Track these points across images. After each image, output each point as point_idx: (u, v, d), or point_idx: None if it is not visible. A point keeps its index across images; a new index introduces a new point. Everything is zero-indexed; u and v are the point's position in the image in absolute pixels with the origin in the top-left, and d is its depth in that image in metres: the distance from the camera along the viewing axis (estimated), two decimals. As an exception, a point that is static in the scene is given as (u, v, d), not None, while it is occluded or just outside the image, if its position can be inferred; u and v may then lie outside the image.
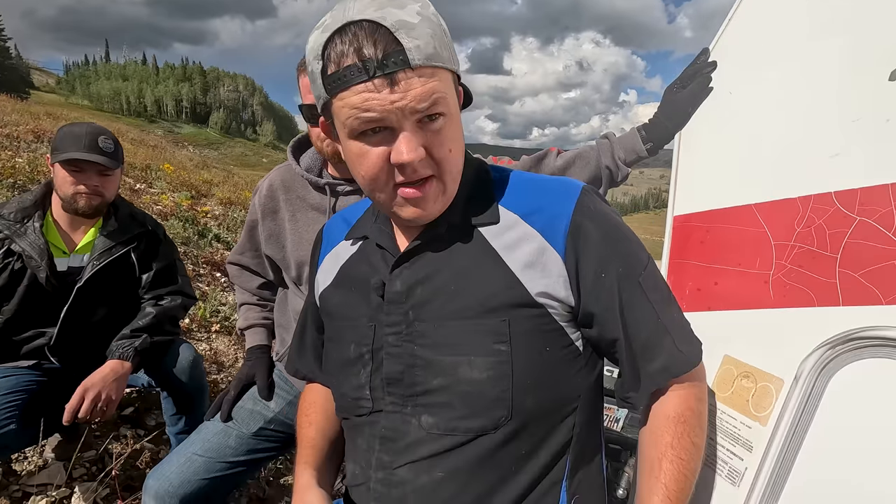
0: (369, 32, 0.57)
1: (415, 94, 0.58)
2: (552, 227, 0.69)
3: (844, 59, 0.80)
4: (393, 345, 0.70)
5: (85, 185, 1.49)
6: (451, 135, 0.64)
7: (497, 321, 0.66)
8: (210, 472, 1.13)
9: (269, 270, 1.31)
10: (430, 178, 0.64)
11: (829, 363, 0.70)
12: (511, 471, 0.68)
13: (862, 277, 0.70)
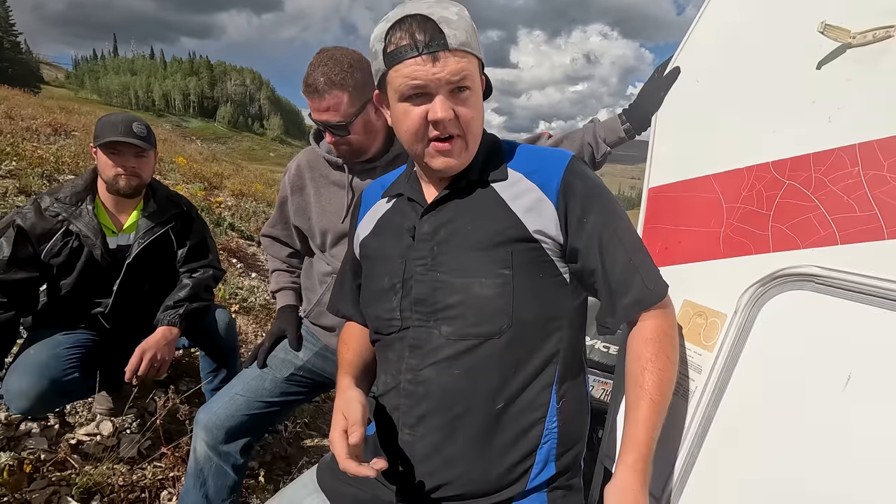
0: (420, 23, 0.77)
1: (450, 69, 0.79)
2: (548, 183, 0.88)
3: (783, 53, 0.96)
4: (420, 274, 0.89)
5: (123, 167, 1.65)
6: (474, 105, 0.84)
7: (503, 251, 0.86)
8: (250, 410, 1.33)
9: (297, 240, 1.49)
10: (457, 136, 0.84)
11: (760, 298, 0.87)
12: (511, 371, 0.86)
13: (787, 229, 0.87)
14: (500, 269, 0.85)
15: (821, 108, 0.87)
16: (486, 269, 0.85)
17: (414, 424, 0.89)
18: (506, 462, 0.86)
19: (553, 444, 0.89)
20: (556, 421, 0.89)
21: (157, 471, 1.83)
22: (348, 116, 1.20)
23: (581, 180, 0.89)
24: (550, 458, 0.89)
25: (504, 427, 0.86)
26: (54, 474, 1.66)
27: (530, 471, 0.88)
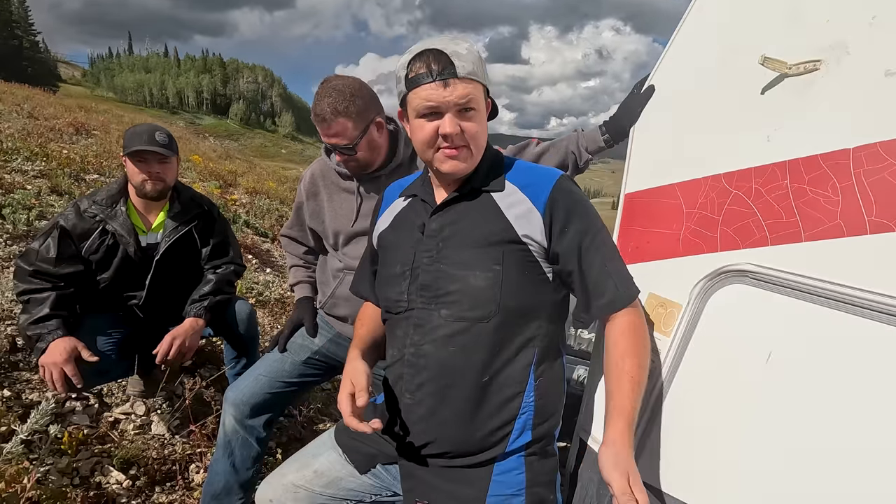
0: (436, 55, 0.96)
1: (458, 93, 0.96)
2: (538, 196, 1.05)
3: (737, 79, 1.10)
4: (427, 264, 1.06)
5: (148, 173, 1.81)
6: (479, 122, 1.02)
7: (496, 250, 1.03)
8: (272, 389, 1.51)
9: (312, 240, 1.67)
10: (462, 146, 1.01)
11: (707, 290, 1.02)
12: (497, 350, 1.02)
13: (732, 232, 1.01)
14: (493, 265, 1.01)
15: (763, 128, 1.02)
16: (481, 264, 1.02)
17: (414, 390, 1.06)
18: (488, 426, 1.03)
19: (530, 415, 1.05)
20: (534, 396, 1.05)
21: (185, 446, 2.02)
22: (354, 139, 1.36)
23: (566, 196, 1.05)
24: (527, 427, 1.05)
25: (488, 397, 1.02)
26: (97, 447, 1.86)
27: (509, 436, 1.04)
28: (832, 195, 0.86)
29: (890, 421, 0.73)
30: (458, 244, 1.05)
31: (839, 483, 0.79)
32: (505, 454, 1.04)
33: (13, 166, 4.24)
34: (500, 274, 1.01)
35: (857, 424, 0.76)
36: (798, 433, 0.83)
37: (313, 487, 1.19)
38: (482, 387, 1.02)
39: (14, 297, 2.39)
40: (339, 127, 1.35)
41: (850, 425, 0.77)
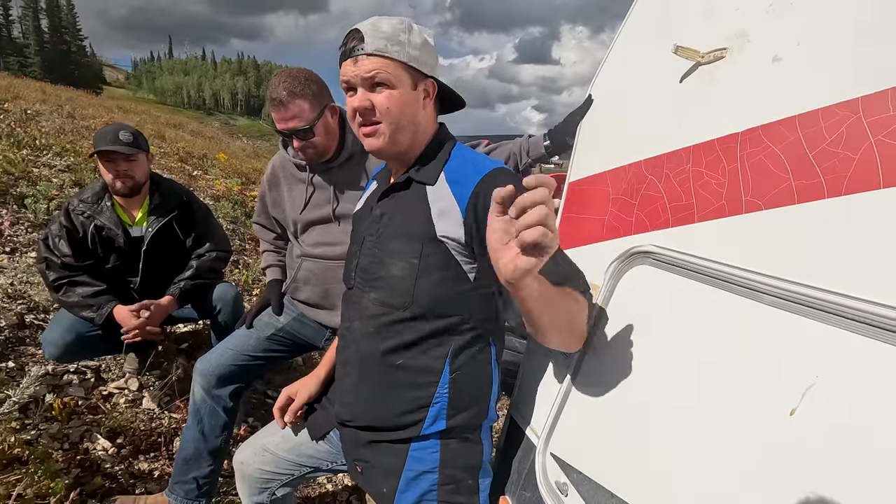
0: (353, 33, 1.00)
1: (364, 68, 0.98)
2: (462, 193, 1.03)
3: (662, 71, 1.13)
4: (368, 248, 1.11)
5: (116, 172, 1.91)
6: (392, 100, 1.00)
7: (416, 244, 1.04)
8: (237, 361, 1.61)
9: (277, 227, 1.77)
10: (376, 122, 1.02)
11: (618, 272, 1.06)
12: (410, 338, 1.05)
13: (644, 215, 1.05)
14: (411, 258, 1.03)
15: (678, 115, 1.05)
16: (402, 256, 1.05)
17: (344, 363, 1.14)
18: (401, 408, 1.07)
19: (443, 405, 1.06)
20: (448, 387, 1.06)
21: (172, 420, 2.15)
22: (311, 121, 1.43)
23: (489, 189, 1.01)
24: (441, 416, 1.06)
25: (401, 380, 1.07)
26: (88, 416, 2.00)
27: (423, 422, 1.06)
28: (721, 177, 0.89)
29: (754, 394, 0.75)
30: (391, 233, 1.08)
31: (714, 458, 0.82)
32: (420, 437, 1.07)
33: (43, 161, 4.53)
34: (415, 268, 1.03)
35: (729, 397, 0.79)
36: (680, 411, 0.86)
37: (278, 451, 1.29)
38: (394, 369, 1.06)
39: (28, 280, 2.59)
40: (296, 109, 1.41)
41: (719, 398, 0.80)
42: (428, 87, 1.06)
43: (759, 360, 0.75)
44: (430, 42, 1.05)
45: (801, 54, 0.82)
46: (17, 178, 3.81)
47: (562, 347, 1.01)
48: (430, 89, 1.07)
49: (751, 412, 0.75)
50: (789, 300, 0.72)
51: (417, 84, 1.04)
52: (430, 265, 1.03)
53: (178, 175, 6.81)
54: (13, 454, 1.54)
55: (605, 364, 1.05)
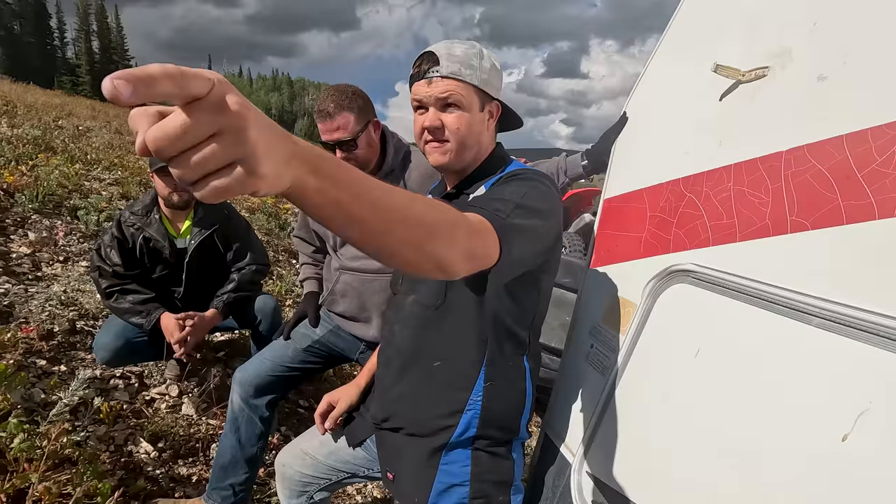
0: (427, 56, 1.04)
1: (439, 90, 1.03)
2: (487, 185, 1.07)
3: (701, 88, 1.13)
4: None
5: (174, 185, 2.01)
6: (462, 121, 1.04)
7: None
8: (274, 372, 1.65)
9: (317, 240, 1.82)
10: (445, 140, 1.07)
11: (656, 290, 1.05)
12: (445, 340, 1.07)
13: (683, 233, 1.04)
14: None
15: (717, 133, 1.05)
16: None
17: (385, 363, 1.17)
18: (434, 412, 1.08)
19: (476, 413, 1.06)
20: (481, 397, 1.06)
21: (209, 427, 2.21)
22: (355, 133, 1.48)
23: (506, 176, 1.04)
24: (472, 424, 1.06)
25: (437, 383, 1.08)
26: (132, 420, 2.08)
27: (454, 428, 1.07)
28: (764, 196, 0.88)
29: (791, 413, 0.74)
30: None
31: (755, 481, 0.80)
32: (450, 444, 1.08)
33: (93, 175, 4.79)
34: None
35: (775, 421, 0.78)
36: (722, 434, 0.84)
37: (317, 456, 1.32)
38: (432, 371, 1.09)
39: (79, 287, 2.73)
40: (342, 120, 1.47)
41: (765, 422, 0.79)
42: (493, 108, 1.11)
43: (809, 383, 0.73)
44: (497, 67, 1.09)
45: (847, 73, 0.81)
46: (70, 191, 4.04)
47: (417, 262, 0.62)
48: (495, 111, 1.12)
49: (800, 437, 0.73)
50: (840, 323, 0.70)
51: (485, 106, 1.08)
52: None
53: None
54: (64, 454, 1.62)
55: (643, 382, 1.04)
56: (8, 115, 6.70)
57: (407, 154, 1.66)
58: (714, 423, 0.86)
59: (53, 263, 3.04)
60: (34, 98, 10.78)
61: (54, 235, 3.30)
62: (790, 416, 0.75)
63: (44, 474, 1.53)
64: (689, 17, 1.26)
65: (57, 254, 3.14)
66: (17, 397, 1.80)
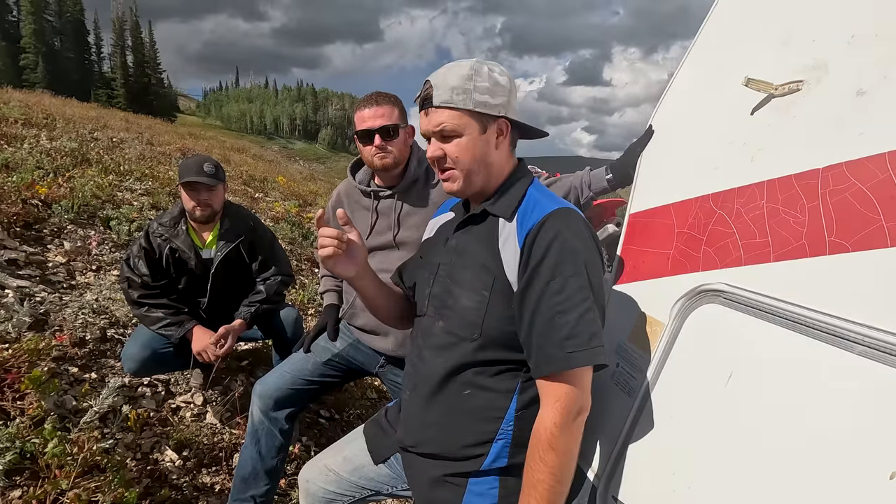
0: (425, 86, 1.05)
1: (434, 122, 1.03)
2: (522, 233, 1.00)
3: (730, 102, 1.10)
4: (441, 277, 1.13)
5: (197, 201, 2.06)
6: (461, 149, 1.03)
7: (487, 277, 1.03)
8: (294, 385, 1.66)
9: None
10: (450, 168, 1.06)
11: (685, 309, 1.02)
12: (478, 371, 1.05)
13: (713, 251, 1.01)
14: (482, 290, 1.03)
15: (749, 148, 1.01)
16: (472, 286, 1.05)
17: (411, 389, 1.16)
18: (465, 440, 1.06)
19: (507, 442, 1.04)
20: (513, 425, 1.04)
21: (232, 436, 2.24)
22: (397, 122, 1.53)
23: (546, 233, 0.96)
24: (503, 454, 1.05)
25: (468, 412, 1.06)
26: (158, 428, 2.12)
27: (484, 457, 1.05)
28: (800, 215, 0.85)
29: (833, 448, 0.70)
30: (463, 263, 1.09)
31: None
32: (480, 472, 1.06)
33: (126, 185, 4.94)
34: (485, 300, 1.02)
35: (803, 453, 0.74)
36: (751, 459, 0.81)
37: (341, 472, 1.31)
38: (463, 399, 1.07)
39: (110, 296, 2.80)
40: (386, 109, 1.53)
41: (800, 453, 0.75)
42: (501, 126, 1.06)
43: (852, 416, 0.70)
44: (500, 81, 1.04)
45: (889, 88, 0.78)
46: (103, 201, 4.17)
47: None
48: (504, 128, 1.07)
49: (841, 474, 0.69)
50: (885, 352, 0.66)
51: (487, 127, 1.04)
52: (499, 300, 1.02)
53: (242, 197, 7.22)
54: (93, 461, 1.66)
55: (671, 405, 1.00)
56: (48, 128, 6.99)
57: (430, 167, 1.67)
58: (747, 453, 0.82)
59: (87, 272, 3.14)
60: (72, 111, 11.24)
61: (88, 245, 3.41)
62: (831, 452, 0.71)
63: (74, 481, 1.57)
64: (717, 30, 1.23)
65: (90, 263, 3.25)
66: (50, 404, 1.85)
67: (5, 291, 2.53)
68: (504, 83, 1.05)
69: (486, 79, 1.02)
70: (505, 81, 1.05)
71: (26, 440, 1.63)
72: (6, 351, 2.00)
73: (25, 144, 5.25)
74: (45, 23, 52.84)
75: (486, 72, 1.03)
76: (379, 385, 3.21)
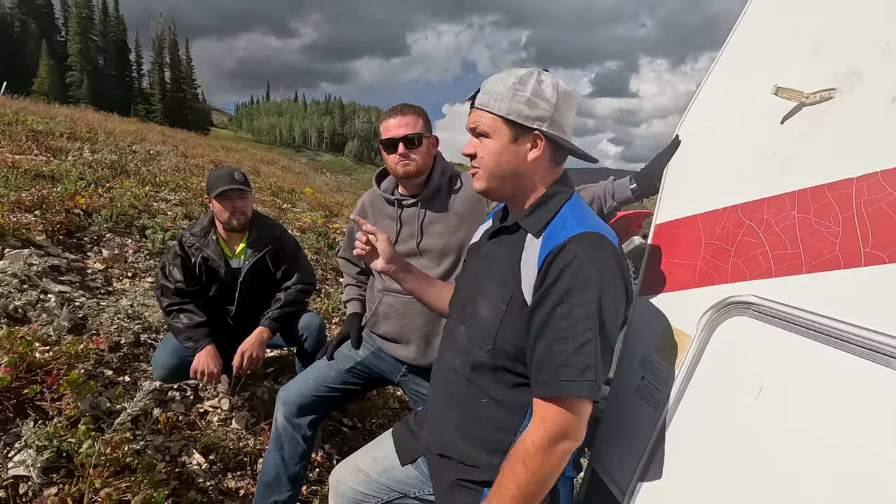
0: (478, 89, 1.08)
1: (471, 119, 1.08)
2: (543, 252, 0.99)
3: (759, 110, 1.09)
4: (470, 282, 1.16)
5: (233, 209, 2.12)
6: (486, 150, 1.06)
7: (506, 291, 1.04)
8: (317, 392, 1.68)
9: (361, 261, 1.86)
10: (477, 168, 1.09)
11: (713, 322, 1.00)
12: (494, 380, 1.06)
13: (742, 263, 0.99)
14: (500, 303, 1.04)
15: (779, 158, 0.99)
16: (492, 297, 1.07)
17: (434, 388, 1.19)
18: (482, 447, 1.07)
19: None
20: None
21: (256, 442, 2.27)
22: (421, 131, 1.58)
23: (565, 256, 0.94)
24: None
25: (483, 420, 1.07)
26: (186, 431, 2.17)
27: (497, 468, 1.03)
28: (833, 226, 0.82)
29: (870, 468, 0.67)
30: (489, 272, 1.11)
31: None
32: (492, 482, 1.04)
33: (161, 196, 5.13)
34: (502, 313, 1.03)
35: (838, 473, 0.71)
36: (782, 477, 0.78)
37: (370, 473, 1.32)
38: (482, 406, 1.07)
39: (144, 302, 2.90)
40: (410, 119, 1.58)
41: (831, 473, 0.72)
42: (535, 138, 1.04)
43: (891, 433, 0.67)
44: (546, 94, 1.02)
45: (927, 95, 0.75)
46: (140, 211, 4.34)
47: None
48: (537, 141, 1.04)
49: (879, 496, 0.66)
50: (925, 368, 0.64)
51: (519, 136, 1.04)
52: (515, 315, 1.02)
53: (270, 208, 7.40)
54: (125, 462, 1.71)
55: (699, 420, 0.98)
56: (90, 142, 7.34)
57: (454, 177, 1.69)
58: (778, 471, 0.79)
59: (123, 279, 3.27)
60: (113, 125, 11.77)
61: (125, 252, 3.55)
62: (868, 472, 0.68)
63: (106, 480, 1.62)
64: (744, 39, 1.22)
65: (126, 270, 3.37)
66: (86, 405, 1.92)
67: (48, 296, 2.64)
68: (550, 97, 1.03)
69: (528, 90, 1.02)
70: (551, 95, 1.03)
71: (63, 439, 1.70)
72: (47, 353, 2.09)
73: (69, 157, 5.52)
74: (90, 42, 55.77)
75: (533, 83, 1.02)
76: (401, 395, 3.21)
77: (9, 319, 2.34)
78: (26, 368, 1.92)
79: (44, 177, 4.34)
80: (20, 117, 7.52)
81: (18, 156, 4.91)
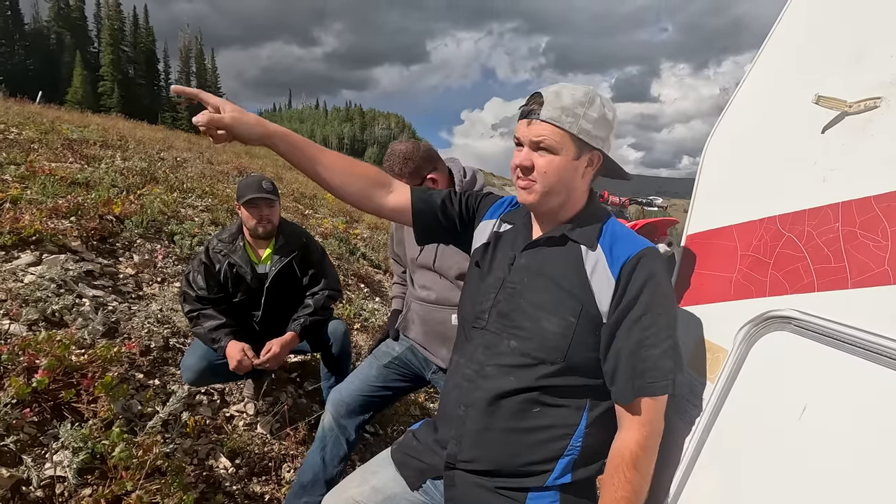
0: (534, 97, 1.05)
1: (534, 132, 1.04)
2: (615, 265, 1.04)
3: (799, 120, 1.06)
4: (509, 295, 1.12)
5: (260, 217, 2.18)
6: (552, 166, 1.04)
7: (575, 303, 1.04)
8: (363, 392, 1.74)
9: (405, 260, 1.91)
10: (534, 182, 1.06)
11: (751, 337, 0.97)
12: (553, 391, 1.05)
13: (781, 276, 0.96)
14: (569, 316, 1.04)
15: (820, 168, 0.97)
16: (555, 310, 1.05)
17: (468, 404, 1.12)
18: (531, 458, 1.06)
19: (573, 458, 1.06)
20: (581, 441, 1.06)
21: (281, 447, 2.30)
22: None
23: (643, 269, 1.01)
24: (568, 469, 1.06)
25: (536, 430, 1.06)
26: (213, 435, 2.21)
27: (549, 473, 1.05)
28: (881, 240, 0.80)
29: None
30: (540, 286, 1.09)
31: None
32: (542, 488, 1.06)
33: (188, 202, 5.26)
34: (572, 326, 1.03)
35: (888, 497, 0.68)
36: (827, 499, 0.75)
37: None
38: (532, 417, 1.06)
39: (172, 307, 2.97)
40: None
41: (881, 497, 0.69)
42: (593, 158, 1.08)
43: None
44: (607, 116, 1.06)
45: (983, 105, 0.72)
46: (168, 217, 4.45)
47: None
48: (595, 160, 1.09)
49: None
50: None
51: (582, 154, 1.06)
52: (585, 328, 1.04)
53: (293, 214, 7.50)
54: (156, 465, 1.74)
55: (737, 437, 0.95)
56: (122, 149, 7.56)
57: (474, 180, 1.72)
58: (823, 494, 0.77)
59: (152, 284, 3.35)
60: (142, 133, 12.13)
61: (154, 258, 3.64)
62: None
63: (137, 482, 1.66)
64: (781, 47, 1.19)
65: (156, 275, 3.46)
66: (118, 408, 1.97)
67: (83, 300, 2.73)
68: (610, 120, 1.06)
69: (595, 110, 1.03)
70: (611, 118, 1.07)
71: (97, 441, 1.74)
72: (83, 356, 2.15)
73: (102, 164, 5.70)
74: (121, 53, 57.71)
75: (599, 104, 1.04)
76: (422, 402, 3.21)
77: (47, 323, 2.42)
78: (63, 371, 1.98)
79: (78, 184, 4.49)
80: (56, 126, 7.80)
81: (55, 163, 5.09)
